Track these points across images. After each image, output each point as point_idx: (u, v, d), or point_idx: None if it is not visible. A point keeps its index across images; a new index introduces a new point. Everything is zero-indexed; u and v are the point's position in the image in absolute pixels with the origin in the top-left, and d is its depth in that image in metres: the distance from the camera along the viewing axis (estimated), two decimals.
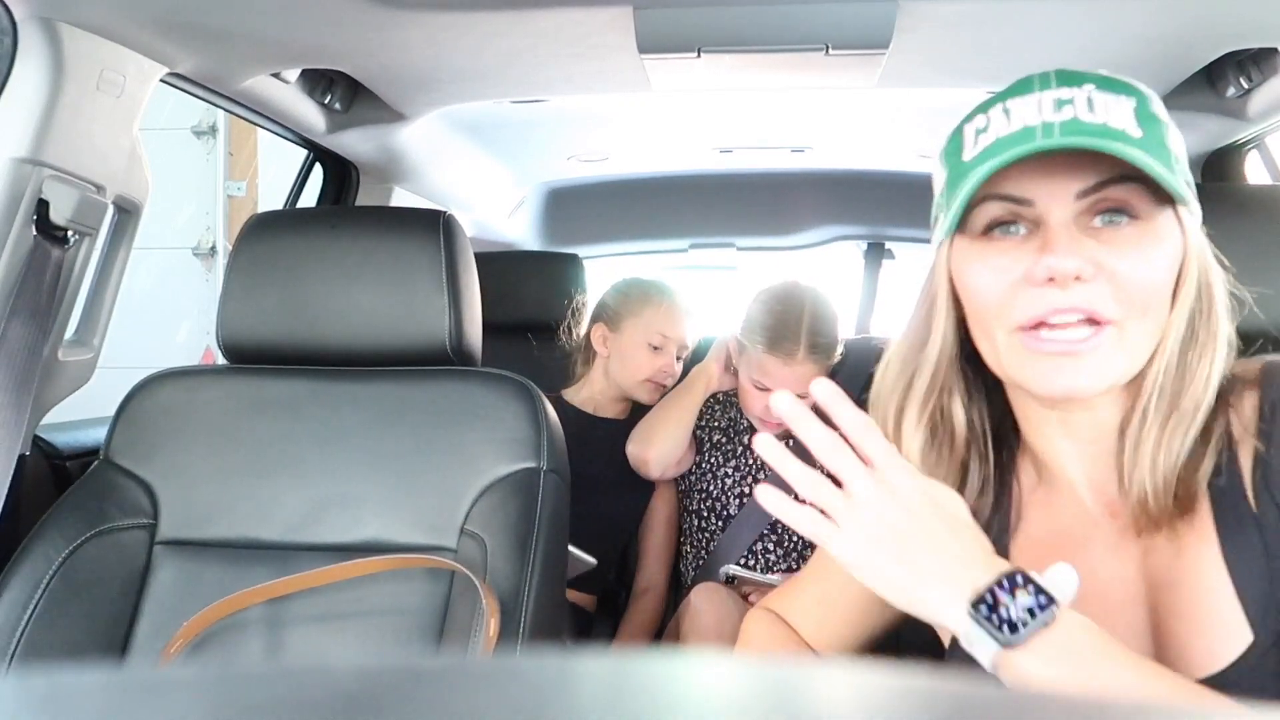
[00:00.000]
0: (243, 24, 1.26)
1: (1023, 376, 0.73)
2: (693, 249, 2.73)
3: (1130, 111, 0.71)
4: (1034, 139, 0.69)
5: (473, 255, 1.33)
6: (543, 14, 1.26)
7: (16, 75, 1.15)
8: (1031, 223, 0.72)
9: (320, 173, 2.05)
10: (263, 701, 0.20)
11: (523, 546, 1.15)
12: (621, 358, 1.87)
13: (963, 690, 0.21)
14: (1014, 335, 0.72)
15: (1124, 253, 0.70)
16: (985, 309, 0.74)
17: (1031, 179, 0.71)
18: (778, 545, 1.72)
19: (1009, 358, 0.73)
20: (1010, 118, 0.72)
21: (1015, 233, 0.73)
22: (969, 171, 0.73)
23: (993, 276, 0.73)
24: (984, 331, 0.75)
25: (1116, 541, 0.76)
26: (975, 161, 0.73)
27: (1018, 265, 0.72)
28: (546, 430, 1.23)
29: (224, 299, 1.30)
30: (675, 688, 0.21)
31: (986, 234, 0.74)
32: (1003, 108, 0.73)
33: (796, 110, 1.98)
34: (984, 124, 0.74)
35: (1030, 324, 0.71)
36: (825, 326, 1.69)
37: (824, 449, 0.71)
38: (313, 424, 1.26)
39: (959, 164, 0.75)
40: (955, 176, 0.75)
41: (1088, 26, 1.30)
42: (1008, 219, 0.73)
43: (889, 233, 2.68)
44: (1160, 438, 0.71)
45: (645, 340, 1.85)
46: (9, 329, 1.19)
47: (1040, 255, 0.70)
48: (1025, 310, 0.71)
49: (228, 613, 1.15)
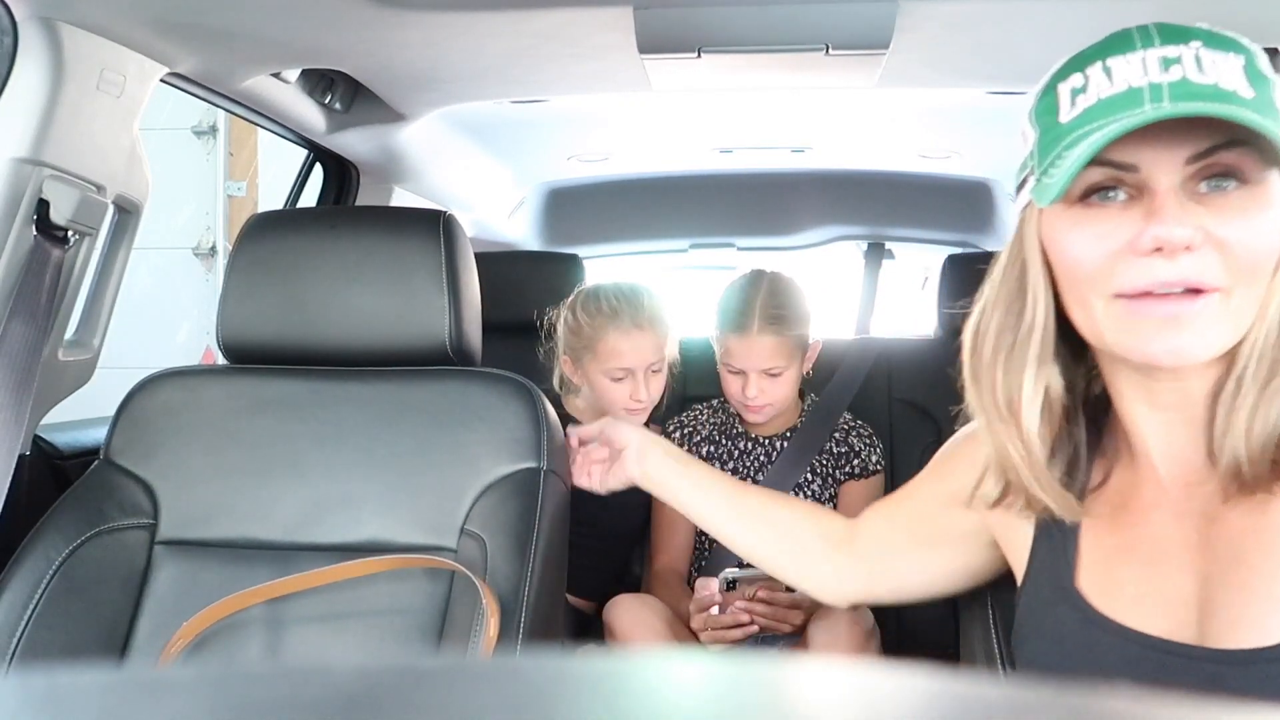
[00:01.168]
0: (243, 24, 1.26)
1: (1123, 343, 0.70)
2: (693, 249, 2.72)
3: (1240, 70, 0.67)
4: (1142, 103, 0.66)
5: (473, 255, 1.33)
6: (543, 14, 1.26)
7: (16, 75, 1.15)
8: (1134, 189, 0.69)
9: (320, 173, 2.05)
10: (263, 701, 0.20)
11: (523, 547, 1.15)
12: (592, 389, 1.79)
13: (963, 690, 0.21)
14: (1114, 303, 0.69)
15: (1232, 220, 0.67)
16: (1083, 277, 0.71)
17: (1136, 144, 0.67)
18: None
19: (1108, 325, 0.70)
20: (1112, 77, 0.68)
21: (1115, 198, 0.70)
22: (1070, 135, 0.69)
23: (1092, 244, 0.70)
24: (1078, 299, 0.72)
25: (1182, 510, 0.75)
26: (1077, 124, 0.69)
27: (1119, 233, 0.68)
28: (547, 430, 1.23)
29: (224, 299, 1.30)
30: (674, 687, 0.21)
31: (1084, 200, 0.71)
32: (1102, 66, 0.69)
33: (796, 110, 1.98)
34: (1081, 83, 0.70)
35: (1133, 293, 0.68)
36: (781, 300, 1.70)
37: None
38: (313, 424, 1.26)
39: (1054, 125, 0.71)
40: (1050, 139, 0.71)
41: (1088, 26, 1.29)
42: (1109, 184, 0.70)
43: (889, 233, 2.68)
44: (1257, 405, 0.69)
45: (607, 374, 1.75)
46: (9, 329, 1.19)
47: (1146, 224, 0.67)
48: (1129, 280, 0.68)
49: (228, 613, 1.15)
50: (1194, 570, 0.74)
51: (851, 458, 1.77)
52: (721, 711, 0.20)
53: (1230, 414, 0.70)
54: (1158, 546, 0.76)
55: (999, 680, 0.21)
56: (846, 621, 1.43)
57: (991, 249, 2.61)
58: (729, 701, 0.21)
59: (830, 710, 0.21)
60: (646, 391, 1.75)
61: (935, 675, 0.21)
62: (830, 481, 1.77)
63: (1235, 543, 0.72)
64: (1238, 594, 0.70)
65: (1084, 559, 0.80)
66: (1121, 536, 0.78)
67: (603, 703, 0.20)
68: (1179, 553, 0.75)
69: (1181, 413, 0.74)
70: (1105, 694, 0.21)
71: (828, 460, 1.77)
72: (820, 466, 1.76)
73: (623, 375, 1.74)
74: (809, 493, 1.74)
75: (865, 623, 1.44)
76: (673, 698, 0.21)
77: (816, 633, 1.44)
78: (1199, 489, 0.75)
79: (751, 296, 1.70)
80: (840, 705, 0.21)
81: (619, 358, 1.73)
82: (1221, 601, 0.71)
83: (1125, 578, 0.77)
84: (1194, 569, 0.74)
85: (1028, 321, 0.75)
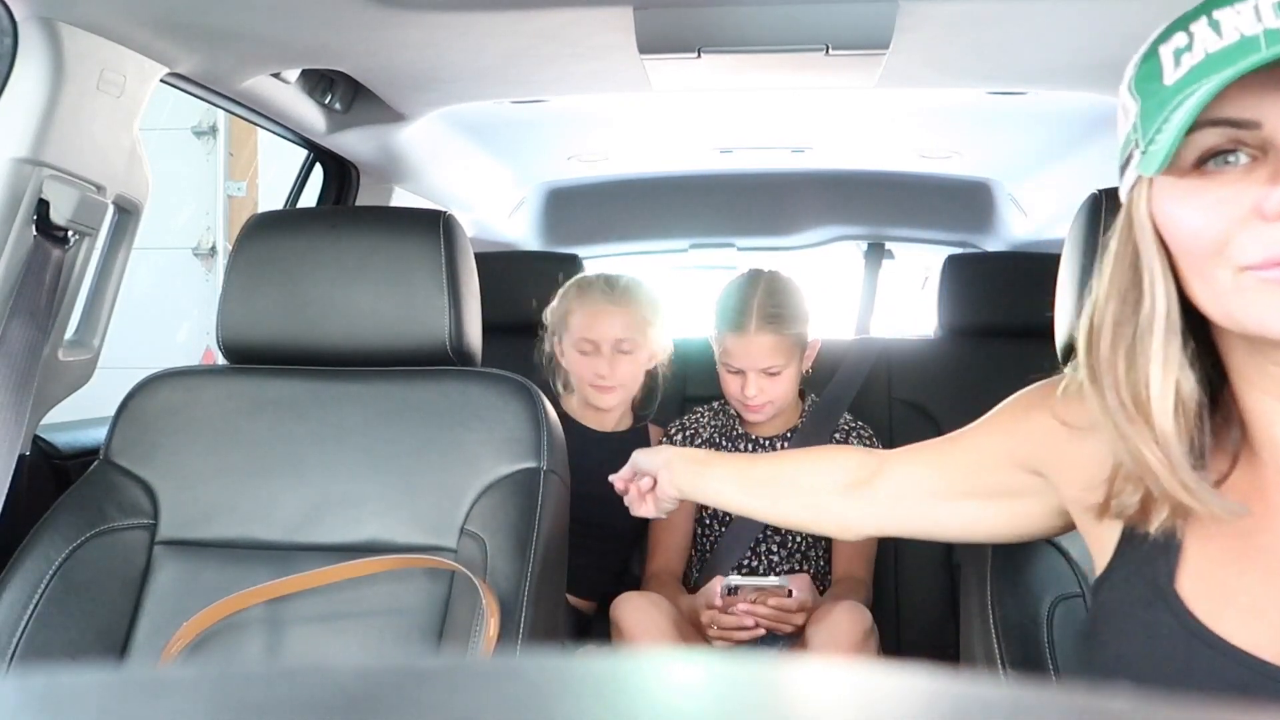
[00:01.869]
0: (243, 24, 1.26)
1: (1255, 317, 0.62)
2: (693, 249, 2.72)
3: None
4: (1258, 49, 0.59)
5: (473, 255, 1.33)
6: (543, 14, 1.26)
7: (16, 75, 1.15)
8: (1257, 149, 0.62)
9: (320, 173, 2.05)
10: (263, 701, 0.20)
11: (523, 547, 1.15)
12: (567, 365, 1.85)
13: (963, 690, 0.21)
14: (1242, 275, 0.62)
15: None
16: (1203, 250, 0.63)
17: (1257, 97, 0.61)
18: (780, 546, 1.72)
19: (1237, 299, 0.63)
20: (1221, 30, 0.61)
21: (1236, 163, 0.63)
22: (1178, 95, 0.63)
23: (1211, 214, 0.63)
24: (1199, 274, 0.65)
25: None
26: (1184, 82, 0.63)
27: (1243, 198, 0.61)
28: (546, 430, 1.23)
29: (224, 299, 1.30)
30: (674, 688, 0.21)
31: (1199, 168, 0.64)
32: (1208, 21, 0.62)
33: (796, 110, 1.98)
34: (1185, 41, 0.63)
35: (1263, 264, 0.61)
36: (779, 299, 1.71)
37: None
38: (313, 424, 1.26)
39: (1159, 89, 0.64)
40: (1155, 104, 0.64)
41: (1088, 26, 1.30)
42: (1227, 147, 0.63)
43: (889, 233, 2.68)
44: None
45: (575, 347, 1.81)
46: (9, 329, 1.19)
47: (1273, 185, 0.60)
48: (1257, 250, 0.61)
49: (228, 613, 1.15)
50: None
51: None
52: (722, 711, 0.20)
53: None
54: (1277, 556, 0.68)
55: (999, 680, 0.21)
56: (846, 621, 1.43)
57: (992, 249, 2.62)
58: (729, 701, 0.21)
59: (830, 710, 0.21)
60: (610, 369, 1.79)
61: (935, 675, 0.21)
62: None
63: None
64: None
65: (1188, 561, 0.71)
66: (1236, 543, 0.70)
67: (603, 703, 0.20)
68: None
69: None
70: (1105, 694, 0.21)
71: None
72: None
73: (590, 349, 1.80)
74: None
75: (864, 623, 1.44)
76: (673, 698, 0.21)
77: (816, 633, 1.45)
78: None
79: (749, 296, 1.71)
80: (840, 705, 0.21)
81: (585, 329, 1.80)
82: None
83: (1237, 588, 0.69)
84: None
85: (1146, 310, 0.67)
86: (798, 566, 1.71)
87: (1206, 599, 0.69)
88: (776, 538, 1.72)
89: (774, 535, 1.71)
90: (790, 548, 1.71)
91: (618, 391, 1.81)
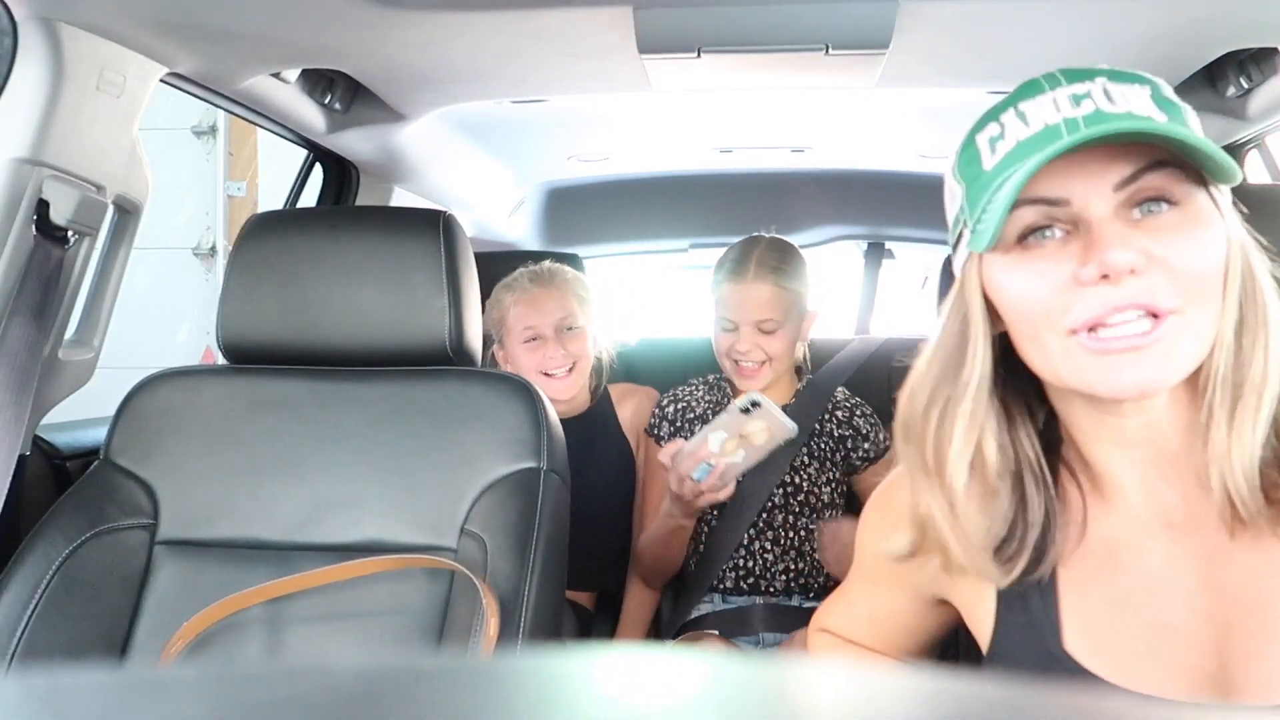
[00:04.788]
0: (243, 24, 1.26)
1: (1084, 380, 0.68)
2: (693, 249, 2.73)
3: (1147, 98, 0.68)
4: (1060, 136, 0.66)
5: (473, 255, 1.33)
6: (542, 14, 1.26)
7: (16, 75, 1.15)
8: (1069, 224, 0.69)
9: (320, 173, 2.05)
10: (263, 701, 0.20)
11: (523, 547, 1.15)
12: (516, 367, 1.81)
13: (963, 690, 0.21)
14: (1069, 339, 0.68)
15: (1172, 240, 0.66)
16: (1033, 316, 0.69)
17: (1063, 178, 0.68)
18: (774, 544, 1.71)
19: (1066, 363, 0.68)
20: (1028, 120, 0.69)
21: (1052, 236, 0.69)
22: (994, 180, 0.69)
23: (1036, 281, 0.68)
24: (1032, 339, 0.70)
25: (1173, 552, 0.72)
26: (1000, 168, 0.69)
27: (1062, 268, 0.68)
28: (547, 430, 1.23)
29: (224, 299, 1.30)
30: (676, 687, 0.21)
31: (1020, 243, 0.70)
32: (1015, 112, 0.70)
33: (796, 110, 1.98)
34: (998, 131, 0.71)
35: (1087, 325, 0.66)
36: (780, 255, 1.71)
37: None
38: (313, 424, 1.26)
39: (979, 174, 0.71)
40: (979, 188, 0.71)
41: (1087, 26, 1.30)
42: (1043, 223, 0.69)
43: (889, 233, 2.68)
44: (1229, 432, 0.67)
45: (520, 341, 1.79)
46: (9, 329, 1.19)
47: (1087, 254, 0.66)
48: (1081, 312, 0.66)
49: (228, 613, 1.15)
50: (1204, 617, 0.70)
51: (860, 441, 1.75)
52: (722, 711, 0.20)
53: (1207, 446, 0.69)
54: (1156, 595, 0.72)
55: (999, 680, 0.21)
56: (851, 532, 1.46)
57: None
58: (730, 701, 0.21)
59: (830, 710, 0.21)
60: (560, 349, 1.79)
61: (935, 675, 0.21)
62: (829, 465, 1.74)
63: (1253, 585, 0.68)
64: (1274, 643, 0.66)
65: (1069, 615, 0.74)
66: (1112, 588, 0.73)
67: (603, 702, 0.20)
68: (1182, 599, 0.71)
69: (1153, 448, 0.72)
70: (1105, 694, 0.21)
71: (826, 444, 1.75)
72: (818, 450, 1.74)
73: (533, 338, 1.79)
74: (805, 476, 1.72)
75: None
76: (673, 698, 0.21)
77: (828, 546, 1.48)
78: (1189, 528, 0.72)
79: (750, 248, 1.72)
80: (840, 705, 0.21)
81: (525, 318, 1.79)
82: (1255, 651, 0.67)
83: (1125, 635, 0.72)
84: (1204, 616, 0.70)
85: (965, 375, 0.73)
86: (791, 564, 1.70)
87: (1096, 654, 0.73)
88: (769, 533, 1.71)
89: (766, 531, 1.71)
90: (784, 545, 1.71)
91: (574, 377, 1.81)
